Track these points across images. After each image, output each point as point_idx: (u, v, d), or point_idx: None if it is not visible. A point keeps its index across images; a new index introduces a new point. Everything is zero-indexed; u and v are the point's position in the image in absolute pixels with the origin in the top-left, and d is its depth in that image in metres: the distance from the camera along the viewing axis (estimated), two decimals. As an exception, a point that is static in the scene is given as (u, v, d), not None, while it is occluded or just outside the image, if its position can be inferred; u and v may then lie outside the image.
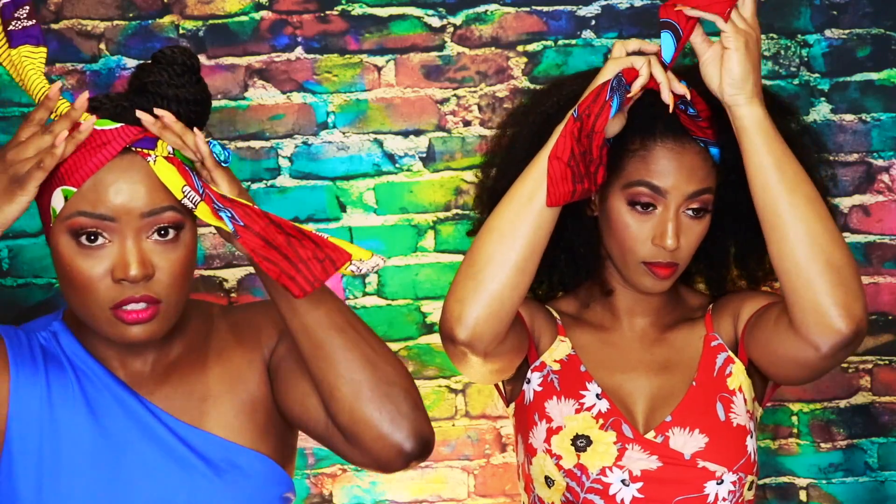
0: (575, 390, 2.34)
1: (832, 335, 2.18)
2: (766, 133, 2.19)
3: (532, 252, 2.20)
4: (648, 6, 3.12)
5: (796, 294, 2.19)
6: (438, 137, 3.13)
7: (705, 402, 2.34)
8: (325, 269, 1.96)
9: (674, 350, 2.40)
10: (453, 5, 3.12)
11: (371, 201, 3.13)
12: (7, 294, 3.08)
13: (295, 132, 3.13)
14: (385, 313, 3.14)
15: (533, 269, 2.21)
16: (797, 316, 2.20)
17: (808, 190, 2.19)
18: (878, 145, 3.14)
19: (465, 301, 2.20)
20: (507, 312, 2.21)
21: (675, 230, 2.28)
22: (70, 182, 1.95)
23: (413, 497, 3.13)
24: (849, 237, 3.11)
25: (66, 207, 1.96)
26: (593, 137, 2.15)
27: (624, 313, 2.42)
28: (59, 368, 2.05)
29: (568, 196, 2.17)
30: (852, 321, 2.18)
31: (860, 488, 3.16)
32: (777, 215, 2.19)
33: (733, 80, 2.19)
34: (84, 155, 1.95)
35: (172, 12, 3.09)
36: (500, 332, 2.22)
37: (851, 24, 3.13)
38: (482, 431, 3.16)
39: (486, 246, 2.21)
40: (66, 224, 1.96)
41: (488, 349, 2.23)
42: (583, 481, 2.30)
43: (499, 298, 2.19)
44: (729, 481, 2.30)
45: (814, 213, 2.18)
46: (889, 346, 3.15)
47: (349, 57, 3.12)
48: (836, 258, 2.18)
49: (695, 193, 2.29)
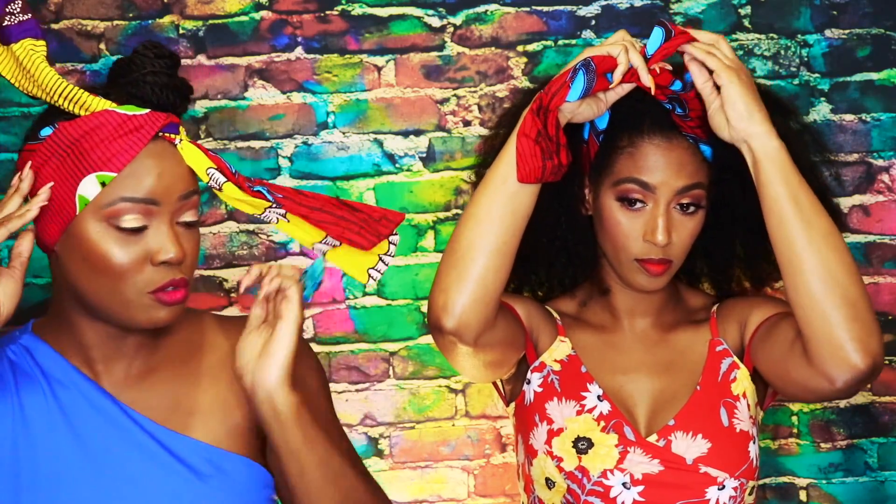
0: (576, 391, 2.34)
1: (848, 370, 2.17)
2: (782, 165, 2.18)
3: (511, 235, 2.21)
4: (648, 6, 3.12)
5: (811, 327, 2.18)
6: (438, 137, 3.13)
7: (709, 406, 2.33)
8: (386, 223, 2.05)
9: (676, 352, 2.40)
10: (453, 5, 3.12)
11: (371, 201, 3.13)
12: (7, 294, 3.08)
13: (295, 132, 3.13)
14: (385, 313, 3.14)
15: (512, 252, 2.22)
16: (812, 348, 2.19)
17: (824, 223, 2.18)
18: (878, 145, 3.14)
19: (450, 289, 2.20)
20: (491, 297, 2.21)
21: (665, 226, 2.28)
22: (108, 168, 1.93)
23: (413, 497, 3.13)
24: (849, 237, 3.11)
25: (105, 194, 1.94)
26: (548, 115, 2.15)
27: (624, 314, 2.41)
28: (31, 382, 2.02)
29: (538, 172, 2.17)
30: (868, 356, 2.17)
31: (860, 488, 3.16)
32: (793, 249, 2.18)
33: (740, 113, 2.18)
34: (117, 141, 1.94)
35: (172, 12, 3.09)
36: (486, 318, 2.22)
37: (851, 24, 3.13)
38: (482, 431, 3.16)
39: (466, 232, 2.21)
40: (106, 211, 1.94)
41: (477, 337, 2.23)
42: (584, 484, 2.29)
43: (482, 283, 2.20)
44: (730, 487, 2.30)
45: (830, 247, 2.17)
46: (889, 346, 3.15)
47: (349, 57, 3.12)
48: (851, 292, 2.17)
49: (684, 189, 2.29)
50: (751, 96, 2.18)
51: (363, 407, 3.14)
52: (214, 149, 3.09)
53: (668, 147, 2.29)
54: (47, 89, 1.97)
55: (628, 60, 2.16)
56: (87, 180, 1.94)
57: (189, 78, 3.08)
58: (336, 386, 3.13)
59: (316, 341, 3.14)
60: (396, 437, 3.14)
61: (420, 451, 3.14)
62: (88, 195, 1.94)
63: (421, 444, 3.15)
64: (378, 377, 3.15)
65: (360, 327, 3.14)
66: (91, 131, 1.95)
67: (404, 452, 3.14)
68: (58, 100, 1.97)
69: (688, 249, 2.33)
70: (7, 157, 3.10)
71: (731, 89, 2.17)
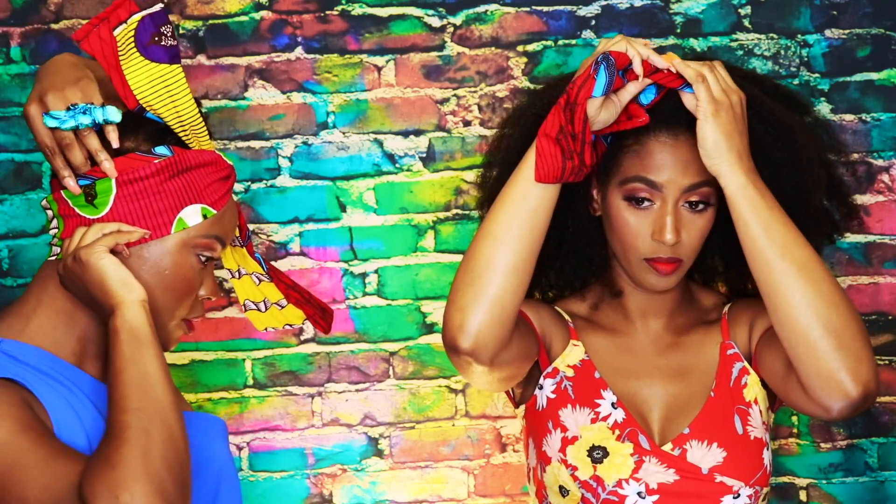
0: (590, 398, 2.32)
1: (840, 399, 2.17)
2: (750, 200, 2.17)
3: (529, 253, 2.19)
4: (648, 6, 3.12)
5: (799, 360, 2.18)
6: (438, 137, 3.13)
7: (723, 414, 2.32)
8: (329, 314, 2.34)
9: (689, 355, 2.38)
10: (453, 5, 3.12)
11: (371, 201, 3.13)
12: (7, 294, 3.08)
13: (295, 132, 3.13)
14: (385, 313, 3.14)
15: (530, 269, 2.20)
16: (804, 380, 2.19)
17: (800, 254, 2.17)
18: (878, 145, 3.14)
19: (466, 309, 2.18)
20: (508, 316, 2.19)
21: (673, 224, 2.26)
22: (213, 205, 2.07)
23: (413, 497, 3.13)
24: (849, 237, 3.11)
25: (203, 226, 2.06)
26: (575, 109, 2.14)
27: (636, 315, 2.39)
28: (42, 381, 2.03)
29: (557, 173, 2.16)
30: (859, 384, 2.16)
31: (860, 488, 3.16)
32: (769, 283, 2.18)
33: (706, 150, 2.18)
34: (220, 183, 2.08)
35: (172, 12, 3.09)
36: (503, 338, 2.20)
37: (851, 24, 3.13)
38: (482, 431, 3.16)
39: (483, 250, 2.19)
40: (197, 241, 2.05)
41: (493, 357, 2.21)
42: (598, 493, 2.28)
43: (499, 303, 2.18)
44: (745, 495, 2.29)
45: (807, 278, 2.16)
46: (889, 346, 3.15)
47: (349, 57, 3.12)
48: (835, 322, 2.16)
49: (692, 186, 2.28)
50: (722, 133, 2.17)
51: (363, 407, 3.14)
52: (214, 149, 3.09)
53: (675, 144, 2.27)
54: (184, 118, 2.06)
55: (638, 53, 2.16)
56: (191, 208, 2.04)
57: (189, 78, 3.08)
58: (336, 386, 3.13)
59: (316, 341, 3.14)
60: (396, 437, 3.14)
61: (420, 451, 3.14)
62: (189, 221, 2.04)
63: (421, 444, 3.15)
64: (378, 377, 3.14)
65: (360, 327, 3.14)
66: (204, 165, 2.06)
67: (404, 452, 3.14)
68: (186, 130, 2.06)
69: (698, 248, 2.31)
70: (7, 157, 3.10)
71: (705, 125, 2.17)
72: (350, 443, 3.13)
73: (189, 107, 2.05)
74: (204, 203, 2.05)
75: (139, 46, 2.04)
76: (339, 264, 3.13)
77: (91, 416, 2.00)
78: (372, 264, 3.13)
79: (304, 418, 3.13)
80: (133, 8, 2.07)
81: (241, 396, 3.13)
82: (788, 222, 2.19)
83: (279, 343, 3.13)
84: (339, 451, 3.14)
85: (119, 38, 2.05)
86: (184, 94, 2.05)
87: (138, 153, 2.03)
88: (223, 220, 2.08)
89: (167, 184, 2.03)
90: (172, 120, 2.05)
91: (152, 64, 2.04)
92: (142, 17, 2.06)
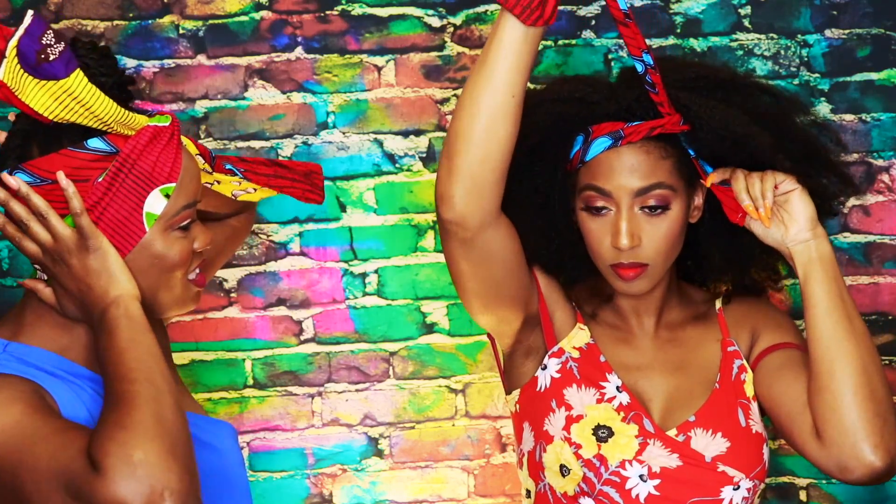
0: (595, 380, 2.35)
1: (863, 467, 2.21)
2: (833, 265, 2.26)
3: (489, 120, 2.17)
4: (648, 6, 3.12)
5: (830, 412, 2.22)
6: (438, 137, 3.13)
7: (727, 406, 2.34)
8: (316, 177, 2.35)
9: (687, 349, 2.40)
10: (453, 5, 3.12)
11: (371, 201, 3.13)
12: (7, 294, 3.08)
13: (295, 132, 3.13)
14: (385, 313, 3.14)
15: (499, 142, 2.18)
16: (829, 436, 2.22)
17: (862, 322, 2.25)
18: (878, 145, 3.14)
19: (443, 180, 2.21)
20: (485, 188, 2.19)
21: (628, 229, 2.29)
22: (169, 180, 2.02)
23: (413, 497, 3.13)
24: (849, 237, 3.11)
25: (171, 206, 2.03)
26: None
27: (630, 314, 2.43)
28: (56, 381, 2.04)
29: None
30: (887, 455, 2.20)
31: (860, 488, 3.16)
32: (834, 340, 2.24)
33: (808, 219, 2.27)
34: (165, 153, 2.02)
35: (172, 12, 3.09)
36: (484, 210, 2.20)
37: (851, 24, 3.13)
38: (482, 431, 3.16)
39: (453, 123, 2.21)
40: (171, 221, 2.03)
41: (477, 229, 2.22)
42: (601, 472, 2.29)
43: (469, 173, 2.18)
44: (745, 487, 2.30)
45: (867, 344, 2.24)
46: (889, 346, 3.15)
47: (349, 57, 3.12)
48: (880, 391, 2.22)
49: (643, 190, 2.29)
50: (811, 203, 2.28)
51: (363, 407, 3.14)
52: (214, 149, 3.09)
53: (619, 150, 2.29)
54: (105, 118, 1.99)
55: None
56: (151, 196, 2.01)
57: (189, 78, 3.10)
58: (336, 386, 3.13)
59: (316, 341, 3.14)
60: (396, 438, 3.14)
61: (420, 451, 3.14)
62: (156, 210, 2.02)
63: (421, 444, 3.15)
64: (378, 377, 3.15)
65: (360, 327, 3.14)
66: (145, 149, 2.01)
67: (404, 452, 3.14)
68: (115, 126, 2.00)
69: (666, 251, 2.32)
70: (7, 157, 3.10)
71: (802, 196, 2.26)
72: (350, 443, 3.13)
73: (104, 106, 1.99)
74: (159, 184, 2.02)
75: (29, 70, 1.95)
76: (339, 264, 3.13)
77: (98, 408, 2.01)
78: (372, 264, 3.13)
79: (304, 418, 3.13)
80: (5, 31, 1.96)
81: (240, 396, 3.13)
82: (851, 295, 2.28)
83: (279, 343, 3.13)
84: (339, 451, 3.14)
85: (6, 79, 1.94)
86: (94, 97, 1.98)
87: (71, 149, 1.99)
88: (185, 184, 2.05)
89: (122, 186, 2.00)
90: (94, 124, 2.00)
91: (50, 82, 1.95)
92: (19, 39, 1.94)
